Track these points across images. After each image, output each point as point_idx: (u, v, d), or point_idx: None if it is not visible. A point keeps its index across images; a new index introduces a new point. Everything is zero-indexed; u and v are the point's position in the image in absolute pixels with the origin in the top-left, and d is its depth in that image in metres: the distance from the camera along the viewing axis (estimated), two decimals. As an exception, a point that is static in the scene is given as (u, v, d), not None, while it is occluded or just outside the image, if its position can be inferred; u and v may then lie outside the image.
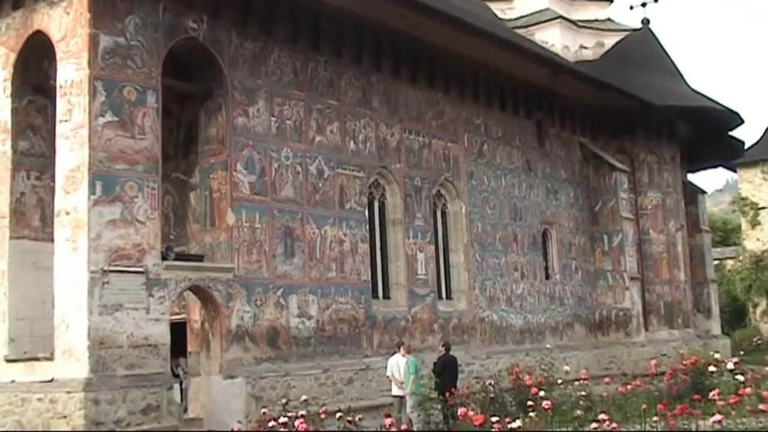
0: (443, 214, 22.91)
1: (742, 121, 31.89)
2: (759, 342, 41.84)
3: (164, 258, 15.03)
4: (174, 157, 17.79)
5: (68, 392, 13.33)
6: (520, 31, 30.36)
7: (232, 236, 16.44)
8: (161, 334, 14.49)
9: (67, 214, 14.08)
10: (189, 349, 16.98)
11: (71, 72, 14.38)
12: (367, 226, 19.82)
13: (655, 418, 12.15)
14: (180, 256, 15.95)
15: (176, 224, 17.90)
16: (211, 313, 16.10)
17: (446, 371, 17.01)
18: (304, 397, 15.89)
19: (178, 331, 16.47)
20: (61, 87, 14.51)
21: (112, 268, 13.86)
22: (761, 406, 11.70)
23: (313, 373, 17.32)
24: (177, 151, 17.96)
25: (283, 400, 15.23)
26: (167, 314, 14.80)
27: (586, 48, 31.57)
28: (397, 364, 16.65)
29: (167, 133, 16.77)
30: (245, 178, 16.84)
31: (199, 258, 16.39)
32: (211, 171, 16.85)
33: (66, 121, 14.34)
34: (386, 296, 20.46)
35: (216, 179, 16.75)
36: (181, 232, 17.78)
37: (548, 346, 22.73)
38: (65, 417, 13.24)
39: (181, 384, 17.04)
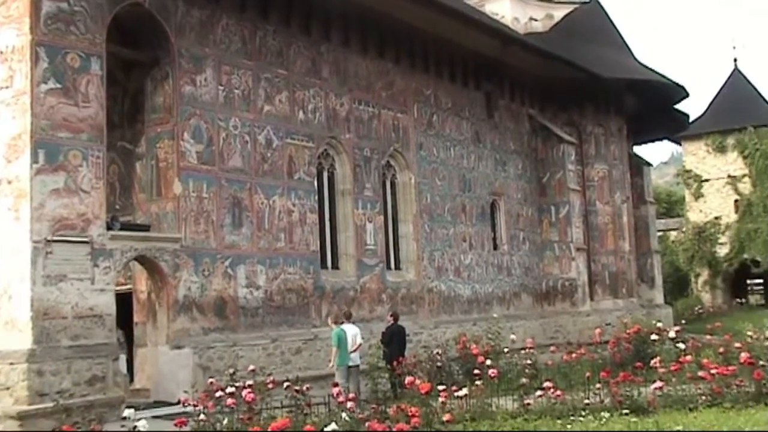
0: (392, 184, 22.94)
1: (687, 95, 32.38)
2: (700, 311, 42.77)
3: (109, 228, 14.86)
4: (119, 126, 17.53)
5: (11, 363, 13.13)
6: (471, 3, 30.19)
7: (179, 206, 16.31)
8: (106, 304, 14.33)
9: (9, 183, 13.78)
10: (135, 319, 16.81)
11: (12, 37, 14.02)
12: (316, 197, 19.79)
13: (598, 386, 12.26)
14: (126, 226, 15.77)
15: (122, 194, 17.67)
16: (157, 283, 15.99)
17: (394, 341, 17.08)
18: (251, 367, 15.71)
19: (125, 301, 16.26)
20: (1, 53, 14.14)
21: (55, 238, 13.66)
22: (701, 373, 11.91)
23: (261, 343, 17.30)
24: (122, 120, 17.68)
25: (231, 370, 15.07)
26: (112, 285, 14.64)
27: (535, 20, 31.59)
28: (346, 333, 16.60)
29: (112, 102, 16.52)
30: (192, 148, 16.69)
31: (146, 228, 16.24)
32: (158, 140, 16.65)
33: (7, 87, 13.99)
34: (335, 266, 20.46)
35: (163, 148, 16.58)
36: (126, 202, 17.56)
37: (495, 315, 22.94)
38: (8, 389, 13.05)
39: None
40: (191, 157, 16.62)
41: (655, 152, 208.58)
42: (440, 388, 11.60)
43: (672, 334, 17.49)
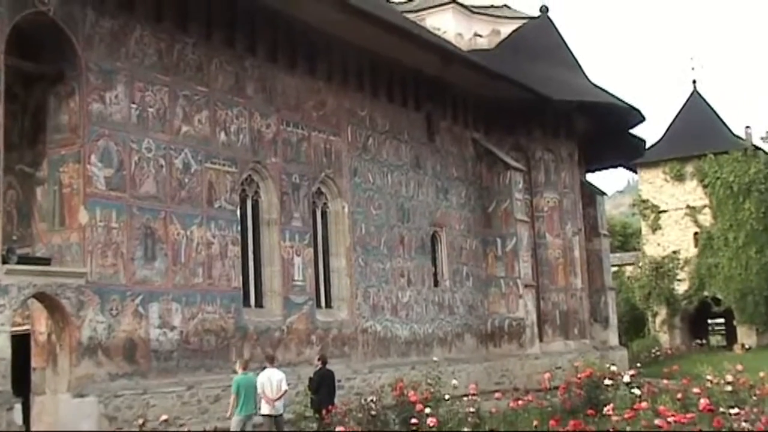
0: (324, 214, 22.99)
1: (643, 119, 33.02)
2: (658, 353, 43.18)
3: (5, 261, 14.64)
4: (18, 147, 17.21)
5: None
6: (411, 16, 30.64)
7: (85, 237, 16.12)
8: (1, 347, 14.04)
9: None
10: (33, 364, 16.45)
11: None
12: (239, 227, 19.75)
13: (546, 436, 12.34)
14: (24, 259, 15.51)
15: (20, 223, 17.36)
16: (59, 323, 15.74)
17: (323, 387, 17.03)
18: (164, 417, 15.72)
19: (21, 343, 15.91)
20: None
21: (-57, 273, 13.38)
22: (657, 422, 11.92)
23: (175, 390, 17.11)
24: (22, 140, 17.38)
25: (140, 421, 15.02)
26: (8, 325, 14.37)
27: (480, 36, 32.07)
28: (269, 379, 16.55)
29: (11, 120, 16.27)
30: (101, 172, 16.56)
31: (46, 261, 16.00)
32: (62, 163, 16.47)
33: None
34: (259, 304, 20.41)
35: (67, 173, 16.40)
36: (25, 232, 17.26)
37: (436, 358, 22.95)
38: None
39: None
40: (99, 183, 16.47)
41: (609, 180, 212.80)
42: (374, 439, 11.56)
43: (627, 379, 17.71)
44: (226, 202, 19.35)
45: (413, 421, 14.29)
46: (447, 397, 17.61)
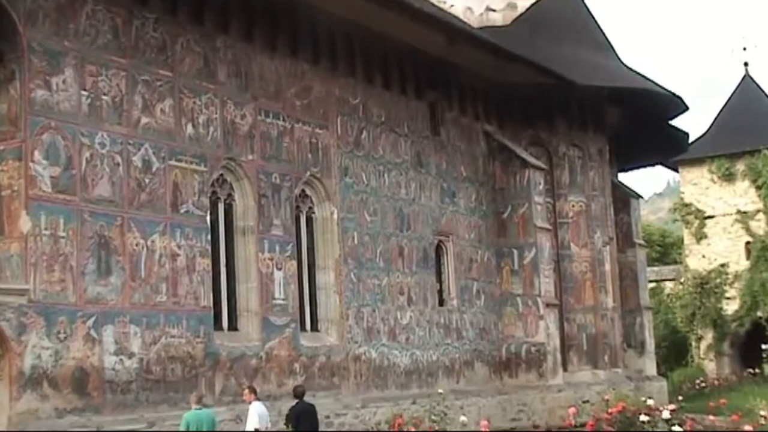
0: (309, 220, 23.06)
1: (686, 108, 33.11)
2: (702, 384, 42.49)
3: (-67, 276, 14.56)
4: (-53, 142, 17.19)
5: None
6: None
7: (27, 248, 16.06)
8: (-72, 377, 14.04)
9: None
10: (-34, 397, 16.45)
11: None
12: (209, 236, 19.76)
13: (571, 481, 12.36)
14: (-45, 274, 15.47)
15: (-50, 231, 17.29)
16: (-4, 349, 15.66)
17: (303, 423, 16.96)
18: (121, 460, 15.68)
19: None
20: None
21: None
22: (701, 464, 12.05)
23: (134, 428, 17.05)
24: (-48, 134, 17.37)
25: (93, 465, 14.98)
26: (-64, 351, 14.33)
27: (493, 10, 32.06)
28: (254, 412, 16.67)
29: (-62, 110, 16.28)
30: (46, 171, 16.51)
31: (-18, 276, 15.93)
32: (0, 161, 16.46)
33: None
34: (233, 327, 20.45)
35: (6, 172, 16.37)
36: (-44, 242, 17.19)
37: (441, 391, 22.96)
38: None
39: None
40: (44, 184, 16.44)
41: (646, 181, 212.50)
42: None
43: (666, 414, 17.80)
44: (194, 206, 19.38)
45: (415, 464, 14.24)
46: (454, 436, 17.63)
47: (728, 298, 50.86)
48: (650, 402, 20.09)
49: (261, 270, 20.98)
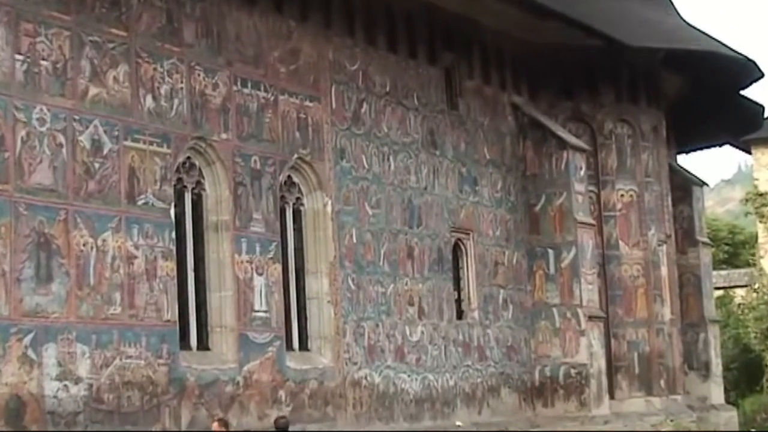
0: (297, 214, 23.02)
1: (762, 75, 33.02)
2: (780, 414, 42.77)
3: None
4: None
5: None
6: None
7: (-52, 249, 16.08)
8: None
9: None
10: None
11: None
12: (174, 234, 19.71)
13: None
14: None
15: None
16: None
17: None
18: None
19: None
20: None
21: None
22: None
23: (81, 470, 17.06)
24: None
25: None
26: None
27: (523, -44, 31.97)
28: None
29: None
30: (-29, 154, 16.52)
31: None
32: None
33: None
34: (203, 346, 20.43)
35: None
36: None
37: (459, 423, 23.05)
38: None
39: None
40: (-31, 170, 16.43)
41: (711, 165, 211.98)
42: None
43: (737, 452, 17.78)
44: (155, 197, 19.28)
45: None
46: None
47: (814, 310, 50.67)
48: (718, 437, 20.09)
49: (238, 275, 20.92)
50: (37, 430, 16.51)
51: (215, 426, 17.22)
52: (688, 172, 35.21)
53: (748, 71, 32.83)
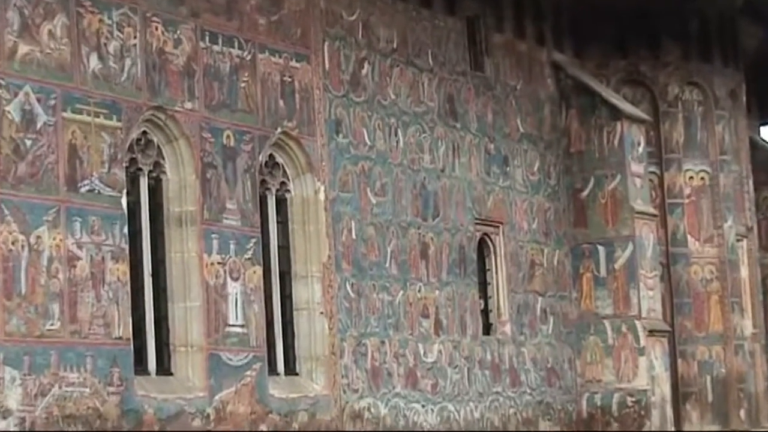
0: (281, 204, 22.99)
1: None
2: None
3: None
4: None
5: None
6: None
7: None
8: None
9: None
10: None
11: None
12: (126, 229, 19.56)
13: None
14: None
15: None
16: None
17: None
18: None
19: None
20: None
21: None
22: None
23: None
24: None
25: None
26: None
27: None
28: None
29: None
30: None
31: None
32: None
33: None
34: (164, 369, 20.36)
35: None
36: None
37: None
38: None
39: None
40: None
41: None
42: None
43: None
44: (103, 183, 19.10)
45: None
46: None
47: None
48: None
49: (207, 281, 20.77)
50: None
51: None
52: (775, 150, 35.16)
53: None
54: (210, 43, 21.25)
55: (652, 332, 28.56)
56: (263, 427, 21.19)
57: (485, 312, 26.85)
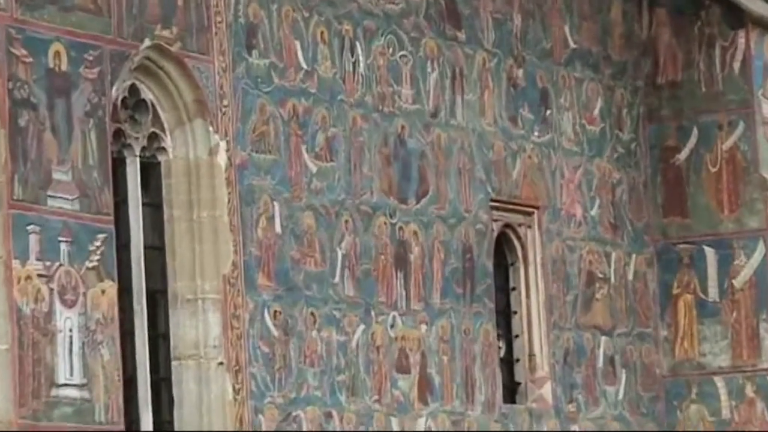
0: (149, 171, 22.91)
1: None
2: None
3: None
4: None
5: None
6: None
7: None
8: None
9: None
10: None
11: None
12: None
13: None
14: None
15: None
16: None
17: None
18: None
19: None
20: None
21: None
22: None
23: None
24: None
25: None
26: None
27: None
28: None
29: None
30: None
31: None
32: None
33: None
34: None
35: None
36: None
37: None
38: None
39: None
40: None
41: None
42: None
43: None
44: None
45: None
46: None
47: None
48: None
49: (19, 306, 19.33)
50: None
51: None
52: None
53: None
54: None
55: (793, 395, 27.31)
56: None
57: (509, 363, 25.57)
